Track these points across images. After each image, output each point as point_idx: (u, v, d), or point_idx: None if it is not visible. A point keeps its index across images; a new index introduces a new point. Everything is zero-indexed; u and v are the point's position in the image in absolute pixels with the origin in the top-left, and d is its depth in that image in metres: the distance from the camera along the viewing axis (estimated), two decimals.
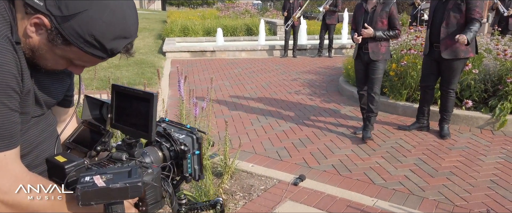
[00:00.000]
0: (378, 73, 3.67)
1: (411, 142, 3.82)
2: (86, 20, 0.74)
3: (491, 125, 4.14)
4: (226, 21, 13.56)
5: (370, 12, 3.65)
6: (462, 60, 3.70)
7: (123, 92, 0.87)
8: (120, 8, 0.78)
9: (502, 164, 3.28)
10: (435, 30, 3.72)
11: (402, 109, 4.66)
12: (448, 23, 3.62)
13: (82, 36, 0.75)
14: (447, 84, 3.80)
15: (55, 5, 0.73)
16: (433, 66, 3.84)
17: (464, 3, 3.55)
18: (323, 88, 6.16)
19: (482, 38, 5.49)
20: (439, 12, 3.69)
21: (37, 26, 0.76)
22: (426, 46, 3.84)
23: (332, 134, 4.08)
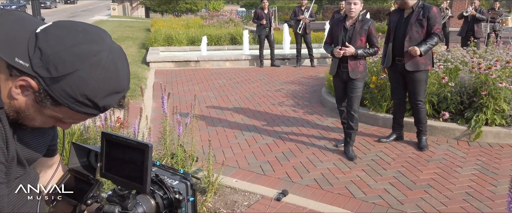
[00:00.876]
0: (357, 91, 3.73)
1: (390, 154, 3.92)
2: (77, 80, 0.70)
3: (467, 136, 4.28)
4: (210, 30, 13.61)
5: (349, 29, 3.70)
6: (424, 71, 3.87)
7: (114, 141, 0.84)
8: (112, 63, 0.73)
9: (477, 176, 3.40)
10: (397, 44, 3.86)
11: (382, 120, 4.78)
12: (411, 37, 3.78)
13: (73, 96, 0.71)
14: (414, 96, 3.94)
15: (43, 66, 0.69)
16: (399, 80, 3.99)
17: (426, 18, 3.72)
18: (306, 100, 6.26)
19: (458, 50, 5.68)
20: (401, 27, 3.84)
21: (23, 88, 0.72)
22: (388, 59, 3.97)
23: (314, 147, 4.15)
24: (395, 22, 3.92)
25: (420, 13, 3.76)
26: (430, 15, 3.74)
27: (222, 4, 35.73)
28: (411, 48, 3.69)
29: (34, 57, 0.70)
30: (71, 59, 0.69)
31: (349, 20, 3.72)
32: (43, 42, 0.70)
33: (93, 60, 0.71)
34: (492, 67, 4.34)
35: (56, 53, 0.69)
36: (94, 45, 0.72)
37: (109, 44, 0.75)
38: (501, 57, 5.01)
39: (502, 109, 4.27)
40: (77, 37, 0.71)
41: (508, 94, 4.29)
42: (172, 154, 3.29)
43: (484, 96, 4.26)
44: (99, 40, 0.74)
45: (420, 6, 3.80)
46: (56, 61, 0.69)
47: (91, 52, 0.71)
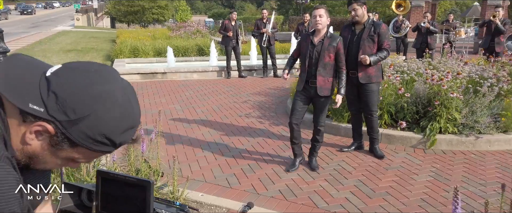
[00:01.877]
0: (325, 107, 3.81)
1: (352, 163, 4.08)
2: (96, 121, 0.70)
3: (423, 144, 4.52)
4: (177, 41, 13.57)
5: (317, 45, 3.71)
6: (375, 84, 4.10)
7: (111, 179, 0.82)
8: (127, 100, 0.74)
9: (432, 182, 3.61)
10: (351, 59, 4.03)
11: (344, 130, 4.95)
12: (363, 52, 3.98)
13: (92, 137, 0.71)
14: (367, 107, 4.15)
15: (60, 110, 0.69)
16: (354, 92, 4.19)
17: (377, 35, 3.95)
18: (272, 110, 6.37)
19: (413, 62, 5.99)
20: (354, 42, 4.04)
21: (37, 133, 0.71)
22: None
23: (280, 158, 4.25)
24: (347, 38, 4.10)
25: (371, 30, 3.98)
26: (380, 32, 3.97)
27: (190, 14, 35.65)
28: (362, 57, 3.91)
29: (49, 101, 0.69)
30: (89, 101, 0.69)
31: (317, 35, 3.73)
32: (57, 86, 0.70)
33: (110, 100, 0.71)
34: (444, 79, 4.63)
35: (72, 96, 0.69)
36: (108, 84, 0.72)
37: (121, 81, 0.75)
38: (453, 69, 5.34)
39: (454, 118, 4.54)
40: (91, 78, 0.71)
41: (459, 103, 4.58)
42: (137, 169, 3.28)
43: (437, 106, 4.52)
44: (112, 79, 0.74)
45: (371, 23, 4.02)
46: (73, 104, 0.69)
47: (107, 91, 0.71)
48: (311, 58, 3.71)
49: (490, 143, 4.48)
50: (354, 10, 3.99)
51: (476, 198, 3.26)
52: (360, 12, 3.99)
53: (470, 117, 4.56)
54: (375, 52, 4.01)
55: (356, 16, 4.00)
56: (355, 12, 3.99)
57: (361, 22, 4.03)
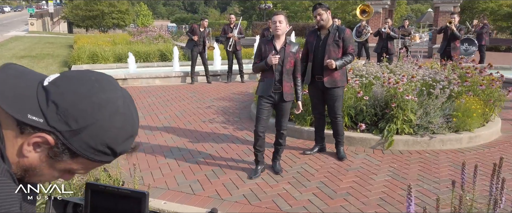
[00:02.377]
0: (287, 112, 3.86)
1: (314, 165, 4.16)
2: (99, 130, 0.69)
3: (381, 145, 4.69)
4: (138, 46, 13.30)
5: (280, 51, 3.73)
6: (340, 88, 4.22)
7: (102, 191, 0.79)
8: (128, 108, 0.73)
9: (390, 182, 3.74)
10: (317, 64, 4.15)
11: (307, 133, 5.04)
12: (329, 57, 4.09)
13: (93, 147, 0.70)
14: (333, 111, 4.26)
15: (61, 120, 0.67)
16: (319, 96, 4.29)
17: (341, 40, 4.07)
18: (236, 115, 6.38)
19: (372, 66, 6.21)
20: (319, 47, 4.14)
21: (35, 144, 0.69)
22: (308, 77, 4.25)
23: (244, 163, 4.26)
24: (313, 43, 4.20)
25: (336, 35, 4.10)
26: (345, 37, 4.09)
27: (151, 19, 35.08)
28: (328, 61, 4.00)
29: (48, 112, 0.67)
30: (91, 110, 0.68)
31: (278, 41, 3.76)
32: (57, 95, 0.68)
33: (112, 108, 0.70)
34: (399, 82, 4.83)
35: (74, 105, 0.68)
36: (110, 93, 0.71)
37: (120, 89, 0.75)
38: (408, 72, 5.59)
39: (410, 119, 4.75)
40: (93, 87, 0.70)
41: (414, 105, 4.79)
42: (96, 179, 3.18)
43: (394, 108, 4.71)
44: (112, 87, 0.73)
45: (335, 28, 4.14)
46: (75, 114, 0.67)
47: (109, 100, 0.70)
48: (276, 64, 3.74)
49: (443, 143, 4.72)
50: (319, 15, 4.09)
51: (430, 195, 3.42)
52: (325, 17, 4.09)
53: (424, 118, 4.78)
54: (340, 56, 4.12)
55: (321, 20, 4.09)
56: (320, 16, 4.09)
57: (326, 27, 4.13)
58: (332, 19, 4.24)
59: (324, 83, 4.14)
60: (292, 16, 41.66)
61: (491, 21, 25.80)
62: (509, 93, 5.66)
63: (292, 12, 41.72)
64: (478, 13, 25.14)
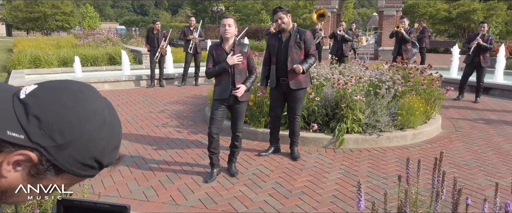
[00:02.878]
0: (242, 113, 3.88)
1: (269, 166, 4.21)
2: (87, 143, 0.65)
3: (333, 144, 4.85)
4: (85, 50, 12.75)
5: (229, 53, 3.76)
6: (304, 89, 4.31)
7: (78, 206, 0.74)
8: (113, 117, 0.70)
9: (341, 179, 3.88)
10: (280, 66, 4.22)
11: (261, 135, 5.10)
12: (292, 59, 4.17)
13: (81, 161, 0.66)
14: (293, 112, 4.35)
15: (44, 135, 0.62)
16: (280, 98, 4.36)
17: (303, 41, 4.17)
18: (190, 119, 6.30)
19: (322, 68, 6.40)
20: (282, 50, 4.21)
21: (16, 163, 0.63)
22: (273, 81, 4.31)
23: (199, 167, 4.22)
24: (275, 46, 4.25)
25: (297, 37, 4.18)
26: (306, 38, 4.18)
27: (99, 21, 33.74)
28: (295, 66, 4.05)
29: (30, 127, 0.62)
30: (78, 122, 0.64)
31: (227, 44, 3.80)
32: (39, 108, 0.63)
33: (99, 119, 0.66)
34: (348, 83, 5.03)
35: (59, 118, 0.63)
36: (95, 102, 0.67)
37: (103, 99, 0.71)
38: (356, 74, 5.83)
39: (359, 118, 4.95)
40: (77, 97, 0.66)
41: (362, 105, 5.00)
42: None
43: (344, 108, 4.89)
44: (96, 96, 0.69)
45: (296, 31, 4.22)
46: (61, 127, 0.62)
47: (95, 110, 0.66)
48: (233, 65, 3.75)
49: (389, 140, 4.97)
50: (280, 18, 4.13)
51: (379, 190, 3.59)
52: (286, 20, 4.15)
53: (372, 117, 5.01)
54: (302, 58, 4.20)
55: (283, 24, 4.15)
56: (281, 20, 4.13)
57: (287, 30, 4.20)
58: (293, 23, 4.33)
59: (289, 85, 4.20)
60: (245, 19, 41.92)
61: (430, 24, 27.57)
62: (447, 92, 6.09)
63: (244, 15, 42.01)
64: (418, 17, 26.76)
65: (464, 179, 3.85)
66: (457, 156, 4.56)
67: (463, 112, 7.01)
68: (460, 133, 5.59)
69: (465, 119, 6.49)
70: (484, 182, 3.80)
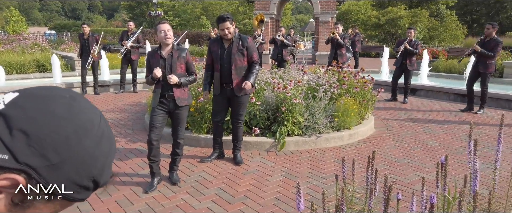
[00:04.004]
0: (184, 119, 3.82)
1: (212, 173, 4.17)
2: (85, 160, 0.55)
3: (275, 147, 4.93)
4: (10, 56, 11.76)
5: (167, 58, 3.70)
6: (248, 94, 4.35)
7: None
8: (109, 128, 0.60)
9: (283, 181, 3.96)
10: (224, 72, 4.20)
11: (204, 141, 5.04)
12: (236, 66, 4.18)
13: (78, 183, 0.56)
14: (237, 116, 4.36)
15: (34, 153, 0.51)
16: (224, 103, 4.35)
17: (245, 48, 4.20)
18: (128, 127, 6.06)
19: (262, 73, 6.50)
20: (225, 57, 4.20)
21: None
22: (217, 88, 4.29)
23: (138, 176, 4.07)
24: (217, 53, 4.22)
25: (239, 44, 4.18)
26: (248, 45, 4.20)
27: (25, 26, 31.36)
28: (245, 85, 4.06)
29: (15, 144, 0.51)
30: (76, 136, 0.53)
31: (165, 49, 3.73)
32: (25, 121, 0.52)
33: (98, 131, 0.57)
34: (287, 87, 5.16)
35: (53, 132, 0.52)
36: (90, 112, 0.57)
37: (96, 107, 0.61)
38: (295, 78, 6.00)
39: (299, 121, 5.09)
40: (71, 107, 0.55)
41: (302, 108, 5.16)
42: None
43: (284, 111, 5.00)
44: (90, 105, 0.59)
45: (237, 37, 4.22)
46: (55, 143, 0.52)
47: (93, 121, 0.57)
48: (164, 72, 3.69)
49: (328, 141, 5.17)
50: (227, 28, 4.08)
51: (319, 190, 3.71)
52: (232, 30, 4.13)
53: (311, 119, 5.18)
54: (245, 64, 4.22)
55: (229, 34, 4.12)
56: (228, 30, 4.09)
57: (229, 38, 4.18)
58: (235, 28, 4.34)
59: (233, 91, 4.20)
60: (184, 24, 41.39)
61: (362, 30, 29.26)
62: (378, 93, 6.48)
63: (184, 20, 41.48)
64: (351, 23, 28.29)
65: (395, 175, 4.11)
66: (389, 154, 4.87)
67: (393, 112, 7.50)
68: (391, 132, 5.98)
69: (395, 118, 6.95)
70: (413, 177, 4.08)
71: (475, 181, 2.16)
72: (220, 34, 4.18)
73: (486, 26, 7.18)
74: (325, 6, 18.42)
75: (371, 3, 34.74)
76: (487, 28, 7.10)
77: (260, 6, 18.90)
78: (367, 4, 33.05)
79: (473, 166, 2.21)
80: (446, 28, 30.35)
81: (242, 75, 4.21)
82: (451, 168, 4.24)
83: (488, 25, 7.14)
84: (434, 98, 9.18)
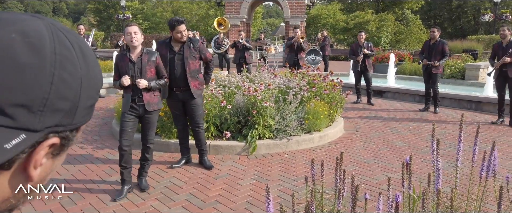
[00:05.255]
0: (153, 124, 3.75)
1: (182, 178, 4.11)
2: (90, 83, 0.52)
3: (246, 151, 4.92)
4: None
5: (136, 61, 3.62)
6: (201, 95, 4.33)
7: None
8: (71, 40, 0.53)
9: (255, 185, 3.95)
10: (176, 77, 4.12)
11: (174, 146, 4.96)
12: (190, 69, 4.13)
13: (92, 104, 0.53)
14: (194, 120, 4.31)
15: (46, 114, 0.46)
16: (179, 107, 4.30)
17: (197, 51, 4.17)
18: (95, 134, 5.89)
19: (233, 76, 6.49)
20: (176, 61, 4.11)
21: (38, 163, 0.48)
22: (165, 91, 4.18)
23: (106, 184, 3.95)
24: (167, 56, 4.12)
25: (191, 47, 4.14)
26: (200, 48, 4.18)
27: None
28: (200, 87, 4.08)
29: (22, 120, 0.44)
30: (65, 72, 0.47)
31: (134, 52, 3.65)
32: (16, 92, 0.44)
33: (77, 52, 0.50)
34: (258, 90, 5.16)
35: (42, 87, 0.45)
36: (71, 33, 0.52)
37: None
38: (265, 81, 6.02)
39: (270, 124, 5.11)
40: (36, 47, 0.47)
41: (272, 111, 5.18)
42: None
43: (255, 115, 5.01)
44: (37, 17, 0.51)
45: (189, 40, 4.18)
46: (63, 86, 0.47)
47: (81, 40, 0.53)
48: (133, 76, 3.60)
49: (298, 143, 5.21)
50: (183, 31, 4.05)
51: (290, 193, 3.72)
52: (186, 33, 4.10)
53: (282, 122, 5.21)
54: (198, 67, 4.19)
55: (184, 37, 4.07)
56: (184, 32, 4.06)
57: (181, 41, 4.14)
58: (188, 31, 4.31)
59: (186, 94, 4.15)
60: (154, 27, 40.77)
61: (331, 34, 29.83)
62: (347, 96, 6.61)
63: (154, 23, 40.86)
64: (321, 27, 28.79)
65: (364, 175, 4.19)
66: (358, 155, 4.96)
67: (362, 114, 7.67)
68: (360, 133, 6.10)
69: (364, 120, 7.11)
70: (381, 177, 4.18)
71: (438, 179, 2.23)
72: (175, 37, 4.09)
73: (431, 30, 7.64)
74: (295, 10, 18.66)
75: (339, 7, 35.51)
76: (432, 31, 7.53)
77: (231, 9, 18.90)
78: (335, 9, 33.75)
79: (436, 165, 2.28)
80: (411, 32, 31.43)
81: (197, 77, 4.18)
82: (417, 167, 4.37)
83: (433, 28, 7.60)
84: (401, 100, 9.46)
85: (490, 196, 2.43)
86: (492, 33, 23.46)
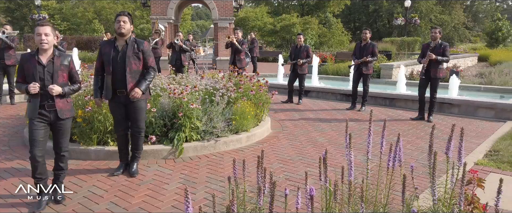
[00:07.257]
0: (67, 131, 3.49)
1: (103, 186, 3.90)
2: None
3: (173, 154, 4.81)
4: None
5: (47, 65, 3.31)
6: (144, 100, 4.15)
7: None
8: None
9: (181, 189, 3.87)
10: (118, 77, 3.93)
11: (94, 153, 4.69)
12: (131, 70, 3.95)
13: None
14: (136, 124, 4.12)
15: None
16: (122, 111, 4.09)
17: (141, 52, 4.00)
18: (4, 144, 5.35)
19: (159, 79, 6.31)
20: (118, 60, 3.93)
21: None
22: (109, 92, 4.02)
23: (15, 198, 3.59)
24: (110, 55, 3.92)
25: (134, 47, 3.95)
26: (144, 49, 3.99)
27: None
28: (134, 93, 3.88)
29: None
30: None
31: (44, 54, 3.34)
32: None
33: None
34: (184, 92, 5.08)
35: None
36: None
37: None
38: (192, 83, 5.94)
39: (197, 126, 5.05)
40: None
41: (199, 113, 5.13)
42: None
43: (181, 117, 4.92)
44: None
45: (133, 40, 3.98)
46: None
47: None
48: (42, 80, 3.30)
49: (226, 144, 5.23)
50: (123, 21, 3.87)
51: (217, 194, 3.71)
52: (128, 27, 3.91)
53: (209, 124, 5.18)
54: (141, 69, 4.02)
55: (123, 29, 3.87)
56: (124, 23, 3.87)
57: (124, 38, 3.93)
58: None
59: (127, 97, 3.96)
60: (74, 28, 38.25)
61: (260, 36, 30.42)
62: (273, 96, 6.78)
63: (74, 24, 38.29)
64: (249, 30, 29.23)
65: (289, 172, 4.33)
66: (283, 153, 5.11)
67: (288, 113, 7.92)
68: (286, 132, 6.30)
69: (290, 119, 7.35)
70: (304, 173, 4.34)
71: (351, 172, 2.38)
72: (115, 28, 3.94)
73: (364, 31, 8.07)
74: (223, 12, 18.71)
75: (267, 10, 36.33)
76: (364, 32, 8.00)
77: (157, 10, 18.40)
78: (263, 12, 34.47)
79: (348, 158, 2.43)
80: (333, 34, 33.19)
81: (137, 79, 4.02)
82: (337, 161, 4.62)
83: (365, 30, 8.05)
84: (324, 99, 9.94)
85: (398, 184, 2.65)
86: (404, 35, 25.66)
